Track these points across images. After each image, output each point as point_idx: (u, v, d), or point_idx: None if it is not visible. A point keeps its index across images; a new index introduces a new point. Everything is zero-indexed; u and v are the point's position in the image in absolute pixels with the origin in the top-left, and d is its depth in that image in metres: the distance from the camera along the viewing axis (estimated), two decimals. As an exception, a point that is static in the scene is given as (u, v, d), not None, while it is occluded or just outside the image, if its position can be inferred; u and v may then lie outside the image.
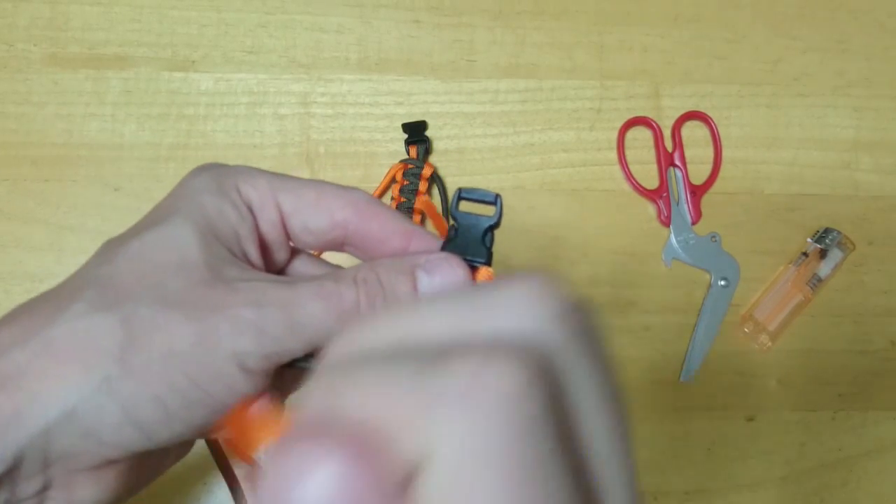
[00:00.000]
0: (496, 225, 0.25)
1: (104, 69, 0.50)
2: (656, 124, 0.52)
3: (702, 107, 0.53)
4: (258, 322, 0.22)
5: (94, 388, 0.20)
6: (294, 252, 0.28)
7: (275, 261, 0.27)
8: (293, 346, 0.22)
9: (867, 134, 0.54)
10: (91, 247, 0.25)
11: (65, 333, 0.21)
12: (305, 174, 0.50)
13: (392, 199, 0.49)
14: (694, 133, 0.53)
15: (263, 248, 0.26)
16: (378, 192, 0.49)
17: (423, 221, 0.50)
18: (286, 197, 0.25)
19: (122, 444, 0.21)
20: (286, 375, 0.26)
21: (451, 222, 0.25)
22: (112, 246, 0.24)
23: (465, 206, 0.25)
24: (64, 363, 0.21)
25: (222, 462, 0.28)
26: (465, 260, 0.24)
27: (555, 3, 0.53)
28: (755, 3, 0.55)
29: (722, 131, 0.53)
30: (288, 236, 0.26)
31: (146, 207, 0.50)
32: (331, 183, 0.26)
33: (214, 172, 0.25)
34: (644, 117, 0.52)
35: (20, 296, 0.47)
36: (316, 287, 0.23)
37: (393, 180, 0.49)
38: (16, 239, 0.48)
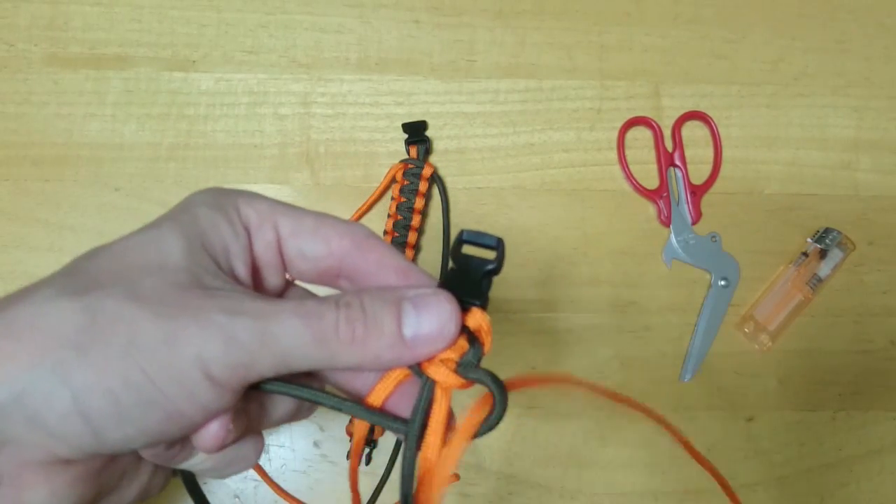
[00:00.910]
0: (496, 271, 0.24)
1: (104, 69, 0.50)
2: (656, 124, 0.52)
3: (702, 107, 0.53)
4: (229, 328, 0.21)
5: (46, 371, 0.20)
6: (289, 285, 0.27)
7: (267, 286, 0.26)
8: (263, 361, 0.22)
9: (867, 134, 0.54)
10: (91, 247, 0.25)
11: (25, 315, 0.20)
12: (305, 174, 0.50)
13: (392, 198, 0.49)
14: (694, 133, 0.53)
15: (256, 270, 0.25)
16: (378, 192, 0.49)
17: (423, 221, 0.50)
18: (285, 220, 0.25)
19: (69, 439, 0.21)
20: (252, 399, 0.25)
21: (451, 264, 0.25)
22: (99, 247, 0.23)
23: (466, 248, 0.25)
24: (19, 343, 0.20)
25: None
26: (459, 299, 0.24)
27: (555, 3, 0.53)
28: (755, 3, 0.55)
29: (722, 131, 0.53)
30: (283, 262, 0.26)
31: (146, 207, 0.51)
32: (332, 215, 0.26)
33: (217, 190, 0.25)
34: (644, 117, 0.52)
35: (20, 296, 0.47)
36: (295, 304, 0.22)
37: (393, 180, 0.49)
38: (16, 239, 0.48)
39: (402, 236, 0.48)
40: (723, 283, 0.51)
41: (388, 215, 0.49)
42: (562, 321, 0.50)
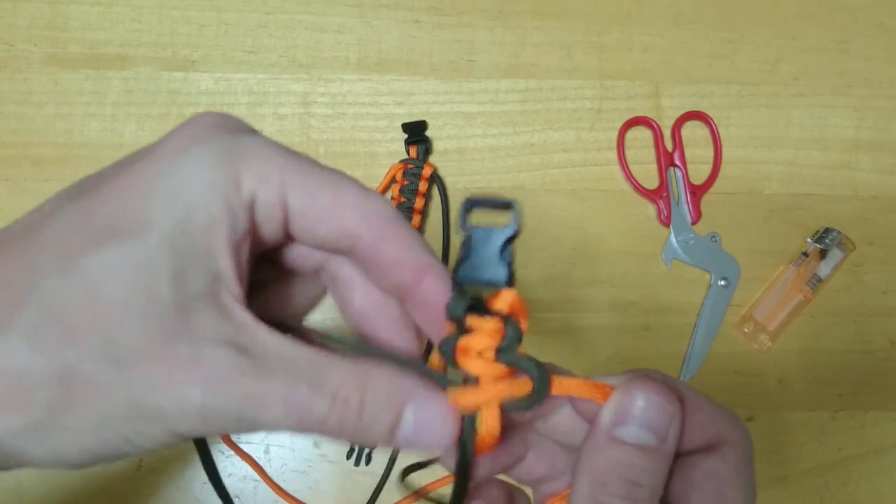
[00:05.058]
0: (515, 235, 0.22)
1: (104, 69, 0.50)
2: (656, 124, 0.52)
3: (702, 107, 0.53)
4: (206, 409, 0.19)
5: (21, 429, 0.19)
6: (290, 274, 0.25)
7: (265, 241, 0.23)
8: (237, 431, 0.21)
9: (867, 134, 0.54)
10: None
11: None
12: (305, 174, 0.50)
13: (392, 198, 0.49)
14: (694, 133, 0.53)
15: (256, 239, 0.22)
16: (378, 193, 0.49)
17: (423, 220, 0.50)
18: (297, 196, 0.22)
19: (47, 467, 0.20)
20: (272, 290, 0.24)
21: (463, 238, 0.22)
22: (68, 260, 0.19)
23: (477, 217, 0.22)
24: None
25: None
26: (483, 283, 0.22)
27: (555, 3, 0.53)
28: (755, 3, 0.55)
29: (722, 131, 0.53)
30: (288, 230, 0.23)
31: (146, 207, 0.50)
32: (353, 184, 0.22)
33: (218, 150, 0.21)
34: (644, 117, 0.52)
35: (20, 296, 0.47)
36: (287, 389, 0.20)
37: (393, 180, 0.49)
38: (16, 239, 0.48)
39: (402, 236, 0.48)
40: (723, 283, 0.51)
41: (388, 215, 0.49)
42: (562, 321, 0.50)
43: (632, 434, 0.22)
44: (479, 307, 0.22)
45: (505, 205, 0.21)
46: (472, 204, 0.22)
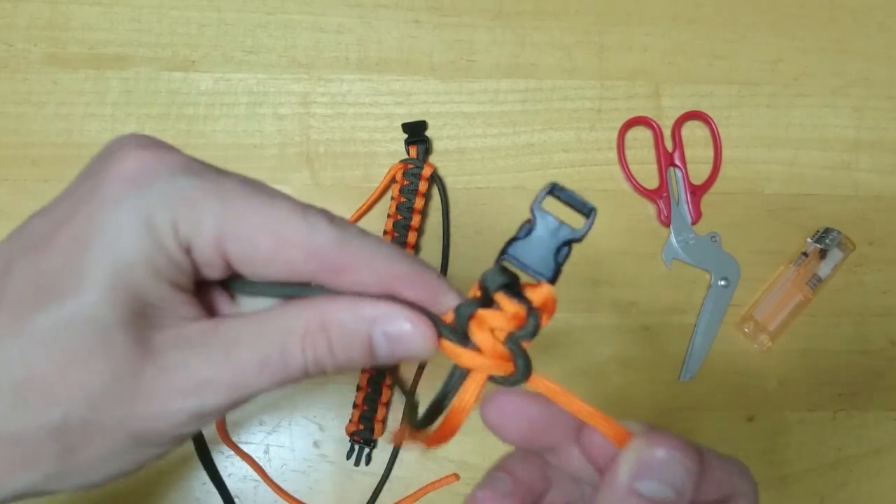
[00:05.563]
0: (579, 240, 0.22)
1: (104, 69, 0.50)
2: (656, 124, 0.52)
3: (702, 107, 0.53)
4: (197, 410, 0.21)
5: (40, 480, 0.21)
6: None
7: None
8: (233, 409, 0.22)
9: (867, 134, 0.54)
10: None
11: None
12: (305, 174, 0.50)
13: (392, 198, 0.49)
14: (694, 133, 0.53)
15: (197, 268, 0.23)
16: (378, 193, 0.49)
17: (423, 220, 0.50)
18: (236, 247, 0.21)
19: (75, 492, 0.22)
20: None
21: (529, 217, 0.22)
22: (18, 288, 0.20)
23: (549, 204, 0.22)
24: (2, 463, 0.21)
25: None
26: (527, 272, 0.22)
27: (555, 3, 0.53)
28: (755, 3, 0.55)
29: (722, 131, 0.53)
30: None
31: (146, 207, 0.50)
32: (296, 218, 0.22)
33: (152, 200, 0.20)
34: (644, 117, 0.52)
35: (20, 296, 0.47)
36: (260, 359, 0.21)
37: (393, 180, 0.49)
38: (16, 239, 0.48)
39: (402, 236, 0.48)
40: (723, 283, 0.51)
41: (388, 215, 0.49)
42: (561, 321, 0.50)
43: (652, 489, 0.22)
44: (511, 288, 0.22)
45: (584, 208, 0.22)
46: (554, 190, 0.22)
